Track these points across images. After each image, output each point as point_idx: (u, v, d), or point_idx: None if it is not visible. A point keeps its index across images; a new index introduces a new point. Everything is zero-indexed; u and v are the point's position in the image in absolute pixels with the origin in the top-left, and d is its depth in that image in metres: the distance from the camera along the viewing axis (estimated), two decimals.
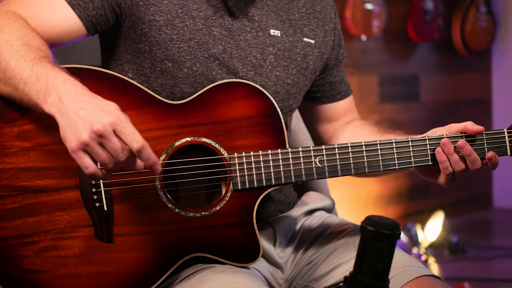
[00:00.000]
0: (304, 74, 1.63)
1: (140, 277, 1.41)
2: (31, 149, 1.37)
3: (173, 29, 1.48)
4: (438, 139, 1.50)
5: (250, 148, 1.45)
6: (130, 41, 1.51)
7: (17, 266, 1.37)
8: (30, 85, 1.28)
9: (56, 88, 1.25)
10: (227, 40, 1.52)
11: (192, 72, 1.50)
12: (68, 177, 1.38)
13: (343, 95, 1.77)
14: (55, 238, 1.38)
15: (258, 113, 1.47)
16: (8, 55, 1.32)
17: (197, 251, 1.44)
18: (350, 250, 1.56)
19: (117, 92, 1.41)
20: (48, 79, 1.27)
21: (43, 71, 1.28)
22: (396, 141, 1.50)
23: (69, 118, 1.22)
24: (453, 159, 1.49)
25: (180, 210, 1.43)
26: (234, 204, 1.45)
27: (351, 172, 1.48)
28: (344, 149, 1.47)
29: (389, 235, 1.08)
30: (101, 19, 1.48)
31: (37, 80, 1.28)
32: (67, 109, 1.23)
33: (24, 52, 1.32)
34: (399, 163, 1.50)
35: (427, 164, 1.50)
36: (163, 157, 1.41)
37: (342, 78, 1.76)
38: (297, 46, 1.61)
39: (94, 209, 1.38)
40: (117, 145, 1.22)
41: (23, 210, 1.37)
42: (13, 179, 1.36)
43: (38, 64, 1.30)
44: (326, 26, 1.68)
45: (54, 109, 1.25)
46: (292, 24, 1.62)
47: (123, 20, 1.50)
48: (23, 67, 1.30)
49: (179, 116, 1.43)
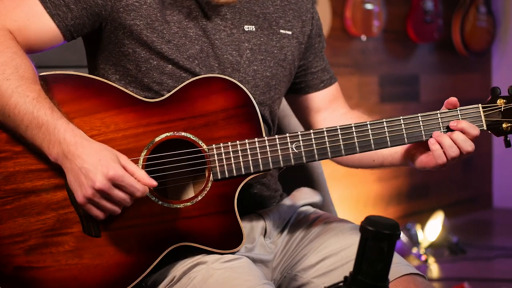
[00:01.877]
0: (282, 65, 1.67)
1: (129, 268, 1.46)
2: (19, 153, 1.44)
3: (153, 32, 1.54)
4: (414, 118, 1.53)
5: (228, 139, 1.50)
6: (113, 45, 1.56)
7: (10, 264, 1.43)
8: (32, 131, 1.39)
9: (58, 141, 1.37)
10: (203, 40, 1.57)
11: (177, 68, 1.55)
12: (54, 177, 1.44)
13: (327, 84, 1.80)
14: (46, 236, 1.44)
15: (234, 105, 1.52)
16: (7, 92, 1.40)
17: (182, 241, 1.49)
18: (338, 241, 1.59)
19: (98, 94, 1.49)
20: (49, 128, 1.38)
21: (43, 118, 1.38)
22: (371, 123, 1.54)
23: (74, 173, 1.37)
24: (447, 144, 1.51)
25: (163, 202, 1.47)
26: (215, 194, 1.50)
27: (328, 155, 1.52)
28: (320, 134, 1.52)
29: (389, 235, 1.08)
30: (79, 27, 1.53)
31: (39, 128, 1.38)
32: (71, 164, 1.37)
33: (22, 89, 1.40)
34: (375, 144, 1.53)
35: (403, 143, 1.54)
36: (144, 152, 1.47)
37: (324, 67, 1.80)
38: (272, 39, 1.66)
39: (80, 206, 1.42)
40: (119, 196, 1.37)
41: (14, 211, 1.43)
42: (3, 183, 1.43)
43: (38, 107, 1.39)
44: (303, 17, 1.72)
45: (59, 161, 1.39)
46: (266, 18, 1.66)
47: (104, 26, 1.55)
48: (23, 109, 1.39)
49: (158, 113, 1.49)
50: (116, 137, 1.46)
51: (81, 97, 1.46)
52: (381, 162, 1.69)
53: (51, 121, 1.38)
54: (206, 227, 1.50)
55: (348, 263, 1.54)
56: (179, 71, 1.55)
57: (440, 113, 1.54)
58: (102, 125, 1.46)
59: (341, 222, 1.68)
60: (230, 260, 1.49)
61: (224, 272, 1.45)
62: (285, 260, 1.66)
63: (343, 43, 4.37)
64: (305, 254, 1.62)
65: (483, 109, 1.54)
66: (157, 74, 1.55)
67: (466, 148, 1.50)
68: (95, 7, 1.51)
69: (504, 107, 1.53)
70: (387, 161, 1.67)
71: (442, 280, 3.79)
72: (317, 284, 1.56)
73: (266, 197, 1.70)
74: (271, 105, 1.66)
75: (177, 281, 1.50)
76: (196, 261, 1.50)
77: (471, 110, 1.54)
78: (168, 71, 1.55)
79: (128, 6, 1.52)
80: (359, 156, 1.70)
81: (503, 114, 1.54)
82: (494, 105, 1.54)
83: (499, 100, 1.54)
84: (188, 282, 1.47)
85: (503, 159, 5.43)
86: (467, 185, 5.31)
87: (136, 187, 1.36)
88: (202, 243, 1.50)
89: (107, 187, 1.35)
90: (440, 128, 1.53)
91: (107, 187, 1.35)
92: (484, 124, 1.54)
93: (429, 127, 1.53)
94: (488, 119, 1.54)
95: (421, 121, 1.53)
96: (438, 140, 1.52)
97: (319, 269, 1.58)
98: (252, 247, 1.62)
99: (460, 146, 1.51)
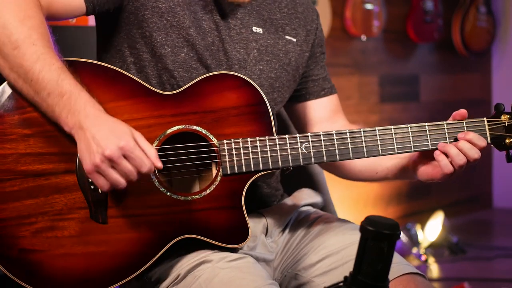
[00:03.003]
0: (287, 69, 1.70)
1: (133, 257, 1.47)
2: (30, 136, 1.44)
3: (174, 16, 1.56)
4: (421, 127, 1.56)
5: (239, 135, 1.52)
6: (131, 26, 1.58)
7: (15, 246, 1.43)
8: (54, 98, 1.39)
9: (78, 111, 1.38)
10: (215, 34, 1.60)
11: (189, 57, 1.58)
12: (65, 162, 1.45)
13: (328, 92, 1.82)
14: (52, 220, 1.44)
15: (246, 103, 1.54)
16: (33, 57, 1.39)
17: (188, 233, 1.49)
18: (338, 241, 1.61)
19: (112, 83, 1.50)
20: (71, 99, 1.38)
21: (67, 88, 1.39)
22: (379, 129, 1.56)
23: (86, 142, 1.36)
24: (453, 152, 1.52)
25: (171, 193, 1.49)
26: (224, 188, 1.51)
27: (336, 158, 1.54)
28: (329, 136, 1.54)
29: (389, 235, 1.08)
30: (102, 1, 1.54)
31: (61, 96, 1.38)
32: (85, 132, 1.36)
33: (48, 57, 1.40)
34: (383, 150, 1.56)
35: (409, 151, 1.57)
36: (156, 143, 1.48)
37: (325, 76, 1.83)
38: (278, 43, 1.69)
39: (89, 192, 1.44)
40: (127, 168, 1.36)
41: (22, 193, 1.44)
42: (13, 164, 1.43)
43: (62, 77, 1.39)
44: (308, 26, 1.76)
45: (74, 131, 1.39)
46: (273, 23, 1.70)
47: (125, 5, 1.57)
48: (48, 77, 1.39)
49: (171, 106, 1.51)
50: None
51: (95, 84, 1.47)
52: (384, 175, 1.71)
53: (74, 91, 1.39)
54: (213, 220, 1.51)
55: (348, 262, 1.55)
56: (191, 61, 1.57)
57: (447, 123, 1.58)
58: (115, 114, 1.45)
59: (341, 222, 1.69)
60: (235, 259, 1.50)
61: (230, 272, 1.46)
62: (285, 259, 1.67)
63: (343, 43, 4.37)
64: (305, 253, 1.63)
65: (488, 122, 1.58)
66: (170, 61, 1.57)
67: (472, 155, 1.53)
68: None
69: (508, 122, 1.58)
70: (391, 174, 1.69)
71: (442, 280, 3.79)
72: (317, 283, 1.57)
73: (267, 195, 1.71)
74: (274, 107, 1.68)
75: (182, 279, 1.50)
76: (201, 260, 1.50)
77: (477, 123, 1.58)
78: (180, 60, 1.57)
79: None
80: (361, 168, 1.73)
81: (507, 130, 1.58)
82: (498, 120, 1.59)
83: (503, 116, 1.59)
84: (193, 281, 1.48)
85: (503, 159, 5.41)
86: (467, 185, 5.31)
87: (144, 161, 1.36)
88: (207, 236, 1.50)
89: (116, 155, 1.34)
90: (446, 138, 1.57)
91: (116, 155, 1.34)
92: (488, 138, 1.58)
93: (435, 136, 1.57)
94: (492, 133, 1.58)
95: (428, 130, 1.57)
96: (444, 150, 1.54)
97: (319, 268, 1.59)
98: (254, 245, 1.63)
99: (466, 154, 1.53)
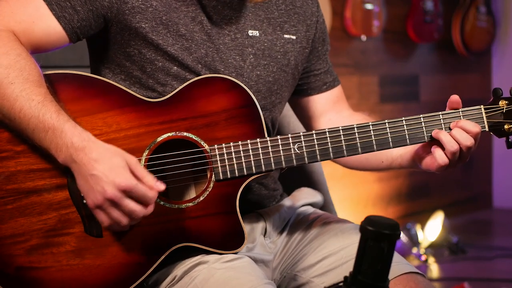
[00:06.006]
0: (285, 70, 1.67)
1: (130, 268, 1.46)
2: (20, 153, 1.43)
3: (158, 35, 1.53)
4: (416, 119, 1.53)
5: (230, 139, 1.50)
6: (118, 45, 1.56)
7: (12, 264, 1.43)
8: (40, 134, 1.38)
9: (66, 145, 1.36)
10: (208, 45, 1.57)
11: (182, 69, 1.55)
12: (55, 177, 1.44)
13: (329, 86, 1.80)
14: (47, 236, 1.43)
15: (236, 105, 1.52)
16: (12, 96, 1.38)
17: (184, 241, 1.49)
18: (338, 241, 1.60)
19: (100, 94, 1.48)
20: (55, 134, 1.36)
21: (50, 122, 1.37)
22: (373, 124, 1.53)
23: (83, 178, 1.36)
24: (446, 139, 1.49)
25: (164, 202, 1.47)
26: (217, 194, 1.50)
27: (330, 156, 1.52)
28: (322, 135, 1.51)
29: (389, 235, 1.08)
30: (85, 29, 1.53)
31: (45, 131, 1.37)
32: (80, 169, 1.36)
33: (27, 93, 1.38)
34: (377, 145, 1.53)
35: (405, 144, 1.53)
36: (146, 152, 1.47)
37: (328, 69, 1.80)
38: (276, 44, 1.66)
39: (82, 206, 1.43)
40: (130, 206, 1.35)
41: (15, 211, 1.43)
42: (5, 182, 1.43)
43: (43, 111, 1.37)
44: (307, 21, 1.73)
45: (67, 164, 1.38)
46: (271, 23, 1.66)
47: (110, 28, 1.55)
48: (29, 114, 1.37)
49: (160, 113, 1.49)
50: (118, 137, 1.46)
51: (83, 96, 1.46)
52: (389, 164, 1.68)
53: (57, 124, 1.37)
54: (208, 227, 1.50)
55: (347, 262, 1.54)
56: (185, 72, 1.55)
57: (442, 114, 1.54)
58: (104, 125, 1.46)
59: (341, 222, 1.68)
60: (231, 260, 1.49)
61: (226, 272, 1.45)
62: (285, 260, 1.67)
63: (343, 43, 4.37)
64: (304, 254, 1.63)
65: (485, 110, 1.54)
66: (162, 76, 1.55)
67: (464, 141, 1.49)
68: (101, 9, 1.51)
69: (506, 108, 1.53)
70: (396, 163, 1.66)
71: (442, 280, 3.79)
72: (317, 284, 1.56)
73: (265, 197, 1.70)
74: (272, 109, 1.66)
75: (178, 281, 1.50)
76: (197, 261, 1.50)
77: (473, 111, 1.54)
78: (174, 73, 1.55)
79: (134, 8, 1.52)
80: (367, 156, 1.69)
81: (505, 116, 1.54)
82: (496, 106, 1.54)
83: (501, 102, 1.54)
84: (189, 282, 1.47)
85: (503, 159, 5.43)
86: (467, 185, 5.31)
87: (149, 196, 1.35)
88: (204, 243, 1.50)
89: (118, 197, 1.34)
90: (442, 129, 1.53)
91: (118, 197, 1.34)
92: (486, 125, 1.54)
93: (431, 128, 1.53)
94: (490, 120, 1.54)
95: (423, 122, 1.53)
96: (436, 136, 1.51)
97: (318, 269, 1.58)
98: (252, 246, 1.63)
99: (458, 140, 1.49)
